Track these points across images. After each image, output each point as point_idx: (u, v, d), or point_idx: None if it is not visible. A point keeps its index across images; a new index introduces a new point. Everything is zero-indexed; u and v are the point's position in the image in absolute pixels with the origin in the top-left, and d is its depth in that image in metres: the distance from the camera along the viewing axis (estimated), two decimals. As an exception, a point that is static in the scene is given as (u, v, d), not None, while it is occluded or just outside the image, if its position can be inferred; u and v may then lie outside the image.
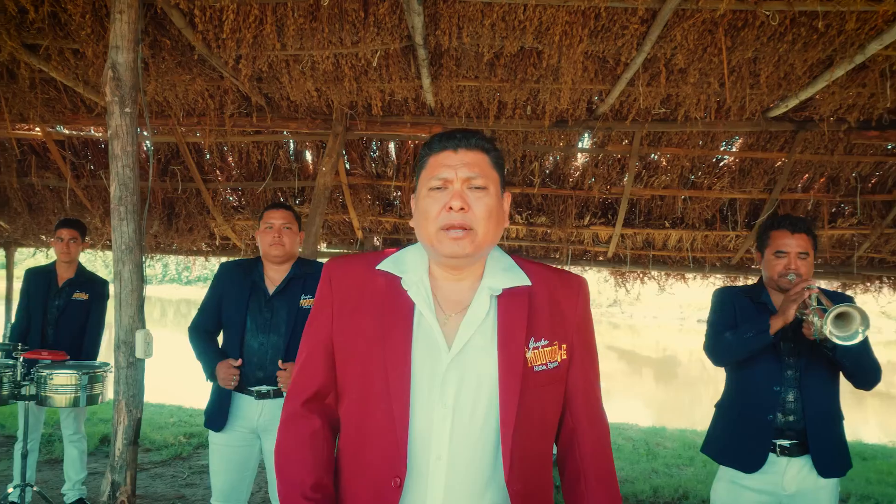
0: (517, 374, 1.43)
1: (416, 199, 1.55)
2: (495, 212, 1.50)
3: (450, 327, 1.48)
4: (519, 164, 6.15)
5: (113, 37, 2.43)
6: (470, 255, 1.46)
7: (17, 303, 4.88)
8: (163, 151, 6.36)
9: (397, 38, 4.14)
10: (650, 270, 7.31)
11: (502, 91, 4.91)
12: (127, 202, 2.46)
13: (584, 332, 1.58)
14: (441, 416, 1.42)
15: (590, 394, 1.58)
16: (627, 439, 7.69)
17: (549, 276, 1.58)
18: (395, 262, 1.55)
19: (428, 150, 1.53)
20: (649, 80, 4.57)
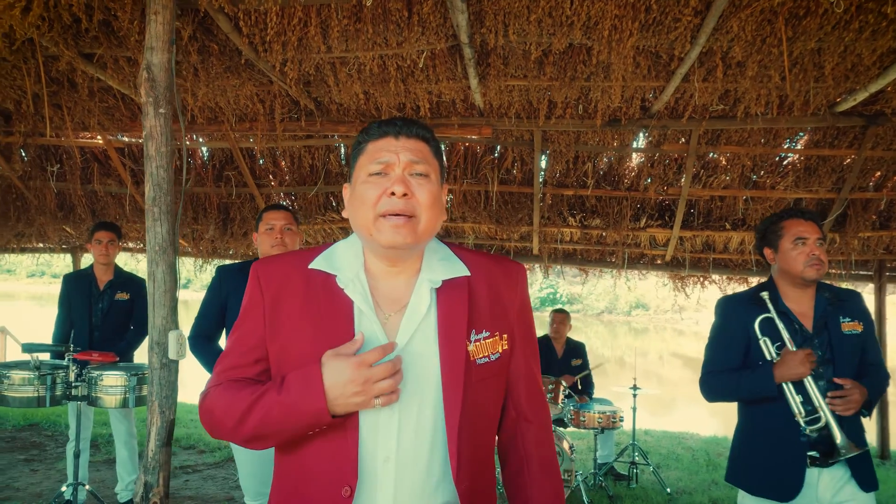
0: (460, 369, 1.39)
1: (352, 187, 1.48)
2: (437, 200, 1.43)
3: (391, 326, 1.42)
4: (572, 164, 6.02)
5: (148, 38, 2.43)
6: (411, 245, 1.38)
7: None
8: (217, 157, 6.46)
9: (442, 37, 4.08)
10: (711, 274, 7.06)
11: (552, 90, 4.79)
12: (161, 203, 2.46)
13: (524, 320, 1.55)
14: (387, 417, 1.36)
15: (531, 381, 1.56)
16: (687, 449, 7.42)
17: (487, 264, 1.52)
18: (327, 260, 1.48)
19: (366, 136, 1.46)
20: (705, 74, 4.40)
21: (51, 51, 4.26)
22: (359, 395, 1.29)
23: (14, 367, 3.86)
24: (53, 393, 3.86)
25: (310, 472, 1.39)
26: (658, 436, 8.16)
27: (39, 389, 3.81)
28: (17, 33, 3.93)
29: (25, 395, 3.81)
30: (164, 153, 2.45)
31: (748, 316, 2.74)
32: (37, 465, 5.60)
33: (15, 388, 3.80)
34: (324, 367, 1.32)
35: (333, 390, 1.30)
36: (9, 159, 6.58)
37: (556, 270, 8.40)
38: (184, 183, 2.74)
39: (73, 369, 3.90)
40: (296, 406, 1.32)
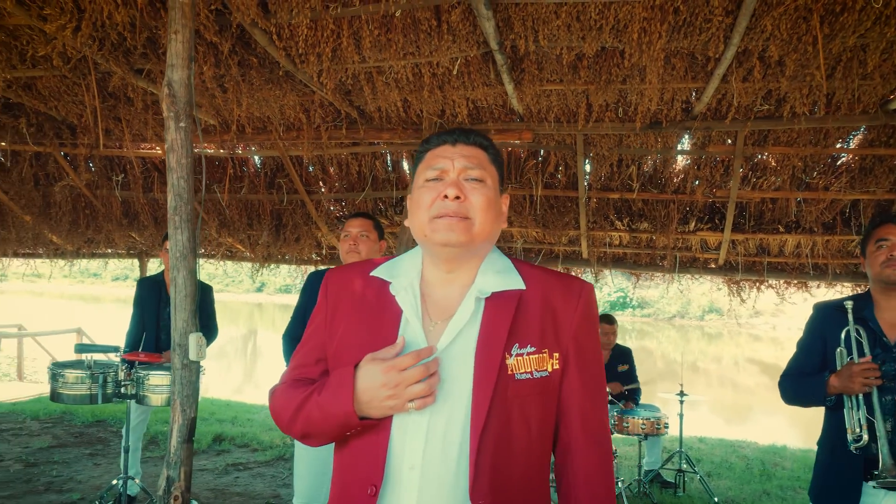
0: (491, 379, 1.35)
1: (411, 195, 1.52)
2: (493, 204, 1.46)
3: (435, 333, 1.42)
4: (615, 168, 5.95)
5: (169, 56, 2.57)
6: (465, 244, 1.40)
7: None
8: (269, 165, 6.67)
9: (473, 44, 4.13)
10: (766, 278, 6.85)
11: (589, 93, 4.77)
12: (181, 212, 2.59)
13: (582, 341, 1.46)
14: (416, 425, 1.36)
15: (587, 410, 1.46)
16: (741, 458, 7.23)
17: (548, 280, 1.49)
18: (388, 268, 1.53)
19: (426, 146, 1.52)
20: (745, 75, 4.30)
21: (103, 67, 4.51)
22: (392, 399, 1.32)
23: (69, 366, 4.10)
24: (104, 391, 4.08)
25: (348, 469, 1.44)
26: (713, 443, 7.96)
27: (91, 388, 4.04)
28: (69, 51, 4.19)
29: (79, 392, 4.04)
30: (184, 164, 2.58)
31: (829, 323, 2.71)
32: (99, 460, 5.90)
33: (69, 385, 4.04)
34: (359, 371, 1.36)
35: (366, 393, 1.34)
36: (77, 170, 6.95)
37: (626, 275, 8.30)
38: (203, 191, 2.85)
39: (123, 369, 4.12)
40: (328, 406, 1.38)
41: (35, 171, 7.17)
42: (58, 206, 7.44)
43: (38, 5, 3.72)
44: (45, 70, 4.64)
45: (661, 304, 48.20)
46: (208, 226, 7.17)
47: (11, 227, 7.98)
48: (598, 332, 1.52)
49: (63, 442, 6.51)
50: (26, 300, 36.62)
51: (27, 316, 19.97)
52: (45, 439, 6.57)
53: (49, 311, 27.36)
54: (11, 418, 7.55)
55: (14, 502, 4.73)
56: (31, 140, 6.15)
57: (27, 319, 15.94)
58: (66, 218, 7.51)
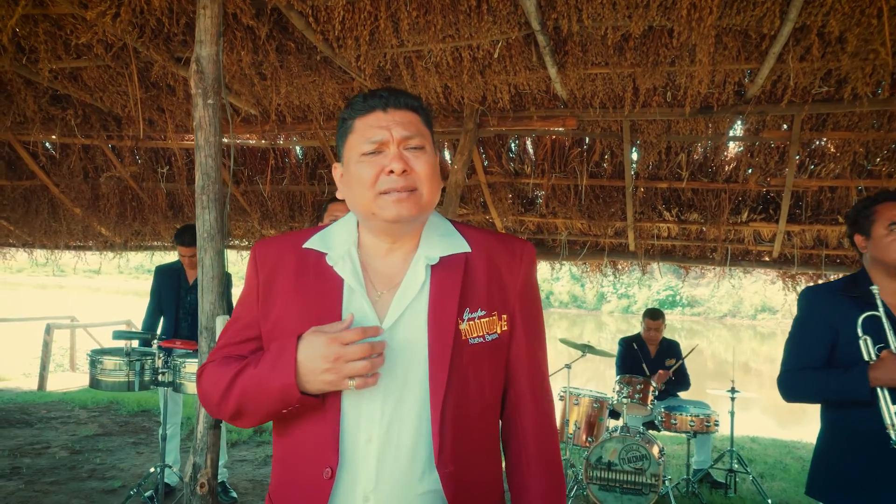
0: (447, 346, 1.34)
1: (345, 168, 1.44)
2: (435, 170, 1.41)
3: (382, 304, 1.39)
4: (664, 155, 5.75)
5: (197, 31, 2.51)
6: (415, 216, 1.37)
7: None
8: (310, 156, 6.64)
9: (515, 25, 4.00)
10: (824, 272, 6.55)
11: (636, 76, 4.59)
12: (209, 191, 2.53)
13: (527, 302, 1.47)
14: (370, 396, 1.32)
15: (533, 368, 1.48)
16: (797, 459, 6.93)
17: (490, 241, 1.47)
18: (321, 239, 1.47)
19: (352, 112, 1.41)
20: (802, 53, 4.07)
21: (144, 56, 4.51)
22: (329, 373, 1.26)
23: (107, 353, 4.11)
24: (142, 378, 4.09)
25: (296, 454, 1.38)
26: (766, 444, 7.67)
27: (129, 375, 4.04)
28: (108, 38, 4.19)
29: (117, 379, 4.05)
30: (212, 142, 2.52)
31: (835, 309, 2.47)
32: (142, 448, 5.95)
33: (107, 372, 4.04)
34: (302, 341, 1.30)
35: (306, 364, 1.28)
36: (123, 161, 7.03)
37: (675, 272, 8.07)
38: (230, 177, 2.79)
39: (161, 357, 4.10)
40: (267, 379, 1.31)
41: (84, 164, 7.28)
42: (105, 198, 7.54)
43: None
44: (89, 60, 4.66)
45: (712, 303, 47.35)
46: (251, 217, 7.19)
47: (62, 219, 8.13)
48: (538, 291, 1.53)
49: (108, 430, 6.60)
50: (84, 295, 37.71)
51: (82, 310, 20.52)
52: (91, 427, 6.66)
53: (103, 305, 28.08)
54: (61, 407, 7.69)
55: (57, 488, 4.77)
56: (79, 132, 6.22)
57: (82, 312, 16.34)
58: (113, 210, 7.61)
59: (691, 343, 9.58)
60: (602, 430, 5.30)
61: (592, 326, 41.56)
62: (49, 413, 7.31)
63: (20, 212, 8.18)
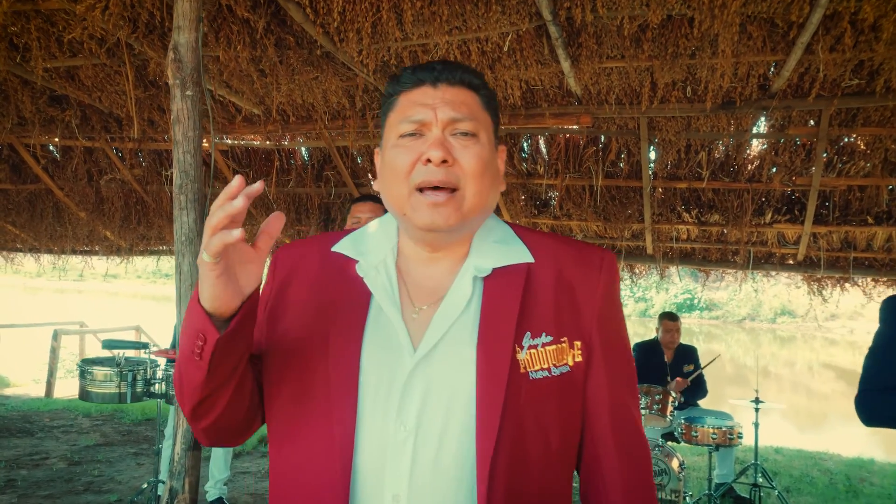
0: (500, 381, 1.04)
1: (381, 153, 1.18)
2: (490, 166, 1.12)
3: (419, 323, 1.11)
4: (683, 154, 5.49)
5: (175, 16, 2.32)
6: (454, 227, 1.09)
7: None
8: (315, 157, 6.45)
9: (525, 16, 3.77)
10: (852, 275, 6.26)
11: (654, 70, 4.35)
12: (188, 190, 2.32)
13: (608, 325, 1.16)
14: (399, 443, 1.03)
15: (619, 409, 1.15)
16: (824, 471, 6.64)
17: (560, 250, 1.17)
18: (353, 241, 1.20)
19: (397, 86, 1.15)
20: (833, 43, 3.81)
21: (139, 52, 4.34)
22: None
23: (98, 363, 3.93)
24: (134, 390, 3.90)
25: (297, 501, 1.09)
26: (791, 455, 7.38)
27: (121, 386, 3.86)
28: (99, 33, 4.01)
29: (107, 391, 3.87)
30: (191, 138, 2.32)
31: None
32: (143, 459, 5.77)
33: (97, 383, 3.86)
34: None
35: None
36: (126, 163, 6.88)
37: (693, 274, 7.83)
38: (210, 180, 2.59)
39: (153, 367, 3.92)
40: (184, 329, 1.02)
41: (88, 167, 7.13)
42: (110, 201, 7.39)
43: (69, -15, 3.55)
44: (84, 58, 4.50)
45: (731, 306, 46.77)
46: (256, 220, 7.00)
47: (67, 223, 8.00)
48: (622, 312, 1.23)
49: (110, 440, 6.44)
50: (101, 299, 37.85)
51: (97, 314, 20.50)
52: (92, 437, 6.51)
53: (119, 309, 28.11)
54: (64, 415, 7.55)
55: (51, 502, 4.60)
56: (80, 134, 6.07)
57: (96, 317, 16.29)
58: (118, 214, 7.46)
59: (710, 347, 9.17)
60: (619, 442, 5.05)
61: (609, 330, 41.09)
62: (51, 422, 7.16)
63: (25, 216, 8.05)
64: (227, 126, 5.76)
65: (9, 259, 9.61)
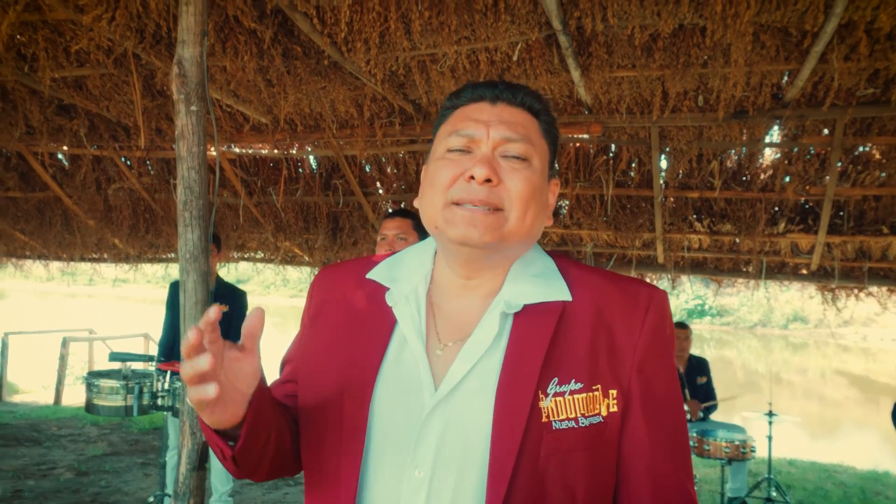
0: (516, 428, 0.95)
1: (426, 166, 1.12)
2: (538, 194, 1.05)
3: (444, 360, 1.03)
4: (695, 163, 5.43)
5: (180, 31, 2.28)
6: (489, 244, 1.01)
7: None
8: (324, 166, 6.42)
9: (534, 25, 3.73)
10: (867, 286, 6.17)
11: (665, 79, 4.29)
12: (192, 207, 2.28)
13: (652, 375, 1.04)
14: (411, 490, 0.97)
15: (661, 471, 1.02)
16: (839, 484, 6.53)
17: (603, 287, 1.07)
18: (389, 267, 1.14)
19: (455, 100, 1.11)
20: (847, 52, 3.75)
21: (146, 62, 4.32)
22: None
23: (104, 375, 3.89)
24: (141, 402, 3.86)
25: None
26: (804, 467, 7.27)
27: (127, 399, 3.82)
28: (106, 43, 3.99)
29: (114, 404, 3.83)
30: (195, 154, 2.28)
31: None
32: (150, 470, 5.74)
33: (103, 396, 3.82)
34: None
35: None
36: (133, 172, 6.87)
37: (704, 280, 7.75)
38: (215, 192, 2.55)
39: (160, 379, 3.88)
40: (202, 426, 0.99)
41: (96, 175, 7.13)
42: (118, 209, 7.39)
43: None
44: (91, 68, 4.48)
45: (742, 312, 46.50)
46: (264, 229, 6.98)
47: (76, 231, 8.00)
48: (673, 359, 1.08)
49: (117, 450, 6.41)
50: (111, 303, 37.99)
51: (107, 320, 20.53)
52: (100, 446, 6.48)
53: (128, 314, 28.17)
54: (72, 423, 7.54)
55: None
56: (88, 142, 6.06)
57: (105, 323, 16.31)
58: (126, 222, 7.45)
59: (721, 353, 9.05)
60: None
61: (619, 336, 40.89)
62: (59, 430, 7.15)
63: (34, 223, 8.07)
64: (234, 135, 5.74)
65: (18, 266, 9.64)
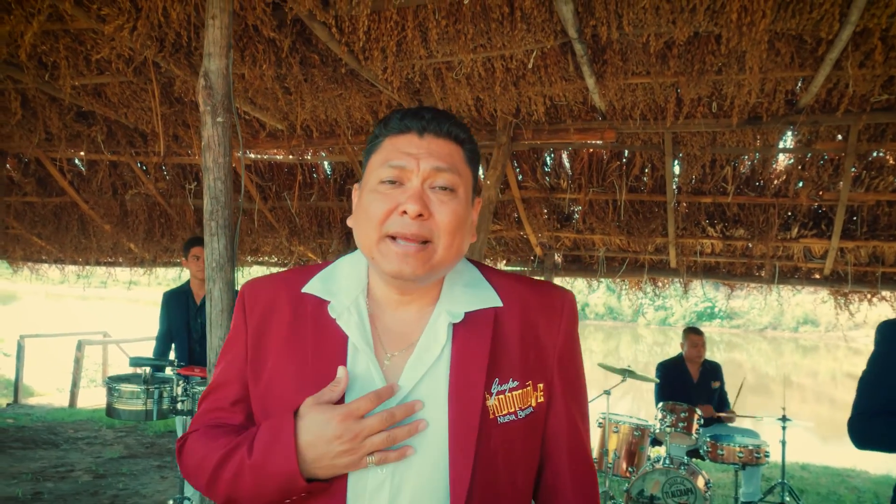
0: (471, 428, 1.09)
1: (360, 192, 1.20)
2: (463, 222, 1.15)
3: (392, 369, 1.14)
4: (708, 169, 5.45)
5: (206, 44, 2.33)
6: (421, 277, 1.12)
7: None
8: (338, 171, 6.47)
9: (550, 33, 3.76)
10: (880, 290, 6.17)
11: (679, 86, 4.32)
12: (218, 217, 2.33)
13: (568, 365, 1.23)
14: (376, 484, 1.08)
15: (575, 444, 1.23)
16: (851, 489, 6.52)
17: (525, 293, 1.23)
18: (323, 282, 1.22)
19: (384, 129, 1.18)
20: (862, 59, 3.77)
21: (165, 70, 4.37)
22: (348, 455, 1.04)
23: (125, 380, 3.94)
24: (160, 407, 3.90)
25: None
26: (817, 471, 7.26)
27: (147, 403, 3.86)
28: (127, 52, 4.05)
29: (134, 408, 3.87)
30: (221, 164, 2.32)
31: None
32: (167, 472, 5.79)
33: (124, 400, 3.87)
34: (302, 420, 1.06)
35: (314, 449, 1.04)
36: (149, 177, 6.94)
37: (715, 284, 7.75)
38: (241, 198, 2.60)
39: (179, 384, 3.92)
40: (263, 468, 1.07)
41: (113, 180, 7.21)
42: (134, 214, 7.47)
43: (97, 6, 3.58)
44: (111, 76, 4.54)
45: (752, 315, 46.32)
46: (279, 234, 7.04)
47: (92, 235, 8.09)
48: (580, 348, 1.28)
49: (134, 452, 6.47)
50: (123, 305, 38.20)
51: (119, 321, 20.66)
52: (116, 449, 6.54)
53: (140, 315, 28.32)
54: (89, 426, 7.60)
55: (77, 517, 4.63)
56: (106, 148, 6.13)
57: (118, 324, 16.43)
58: (142, 227, 7.53)
59: (731, 356, 8.98)
60: (643, 459, 5.00)
61: (629, 339, 40.86)
62: (76, 433, 7.22)
63: (51, 228, 8.16)
64: (251, 141, 5.80)
65: (34, 270, 9.74)
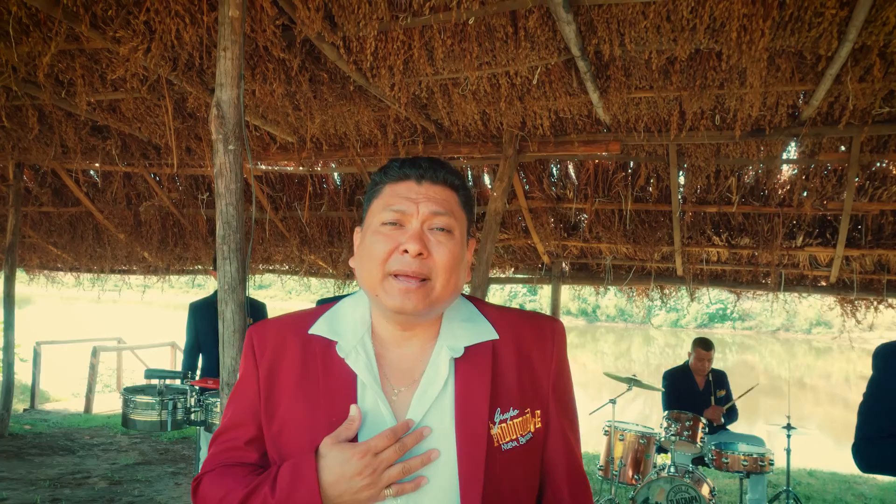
0: (479, 456, 1.16)
1: (362, 234, 1.28)
2: (459, 261, 1.24)
3: (400, 403, 1.21)
4: (713, 180, 5.50)
5: (218, 74, 2.42)
6: (422, 312, 1.19)
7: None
8: (348, 182, 6.56)
9: (554, 51, 3.84)
10: (886, 297, 6.21)
11: (682, 100, 4.39)
12: (230, 241, 2.42)
13: (561, 391, 1.30)
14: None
15: (570, 460, 1.31)
16: (858, 496, 6.54)
17: (517, 324, 1.30)
18: (328, 323, 1.29)
19: (384, 177, 1.26)
20: (862, 74, 3.83)
21: (178, 87, 4.48)
22: (369, 489, 1.11)
23: (140, 391, 4.04)
24: (174, 417, 4.00)
25: None
26: (824, 478, 7.28)
27: (162, 413, 3.96)
28: (140, 72, 4.16)
29: (149, 418, 3.97)
30: (233, 190, 2.42)
31: None
32: (181, 479, 5.89)
33: (139, 411, 3.97)
34: (323, 459, 1.12)
35: (337, 486, 1.11)
36: (163, 188, 7.06)
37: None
38: (253, 215, 2.69)
39: (193, 395, 4.03)
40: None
41: (127, 191, 7.35)
42: (147, 224, 7.60)
43: (113, 28, 3.68)
44: (126, 92, 4.66)
45: (764, 317, 46.09)
46: (290, 243, 7.14)
47: (107, 244, 8.24)
48: (570, 372, 1.35)
49: (149, 458, 6.58)
50: (136, 309, 38.46)
51: (132, 326, 20.85)
52: (131, 455, 6.66)
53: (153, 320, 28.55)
54: (104, 432, 7.73)
55: (94, 524, 4.73)
56: (120, 161, 6.26)
57: (131, 330, 16.61)
58: (155, 236, 7.66)
59: (743, 358, 8.94)
60: (649, 466, 5.06)
61: (640, 341, 40.78)
62: (92, 439, 7.34)
63: (66, 237, 8.31)
64: (261, 153, 5.91)
65: (50, 278, 9.91)
